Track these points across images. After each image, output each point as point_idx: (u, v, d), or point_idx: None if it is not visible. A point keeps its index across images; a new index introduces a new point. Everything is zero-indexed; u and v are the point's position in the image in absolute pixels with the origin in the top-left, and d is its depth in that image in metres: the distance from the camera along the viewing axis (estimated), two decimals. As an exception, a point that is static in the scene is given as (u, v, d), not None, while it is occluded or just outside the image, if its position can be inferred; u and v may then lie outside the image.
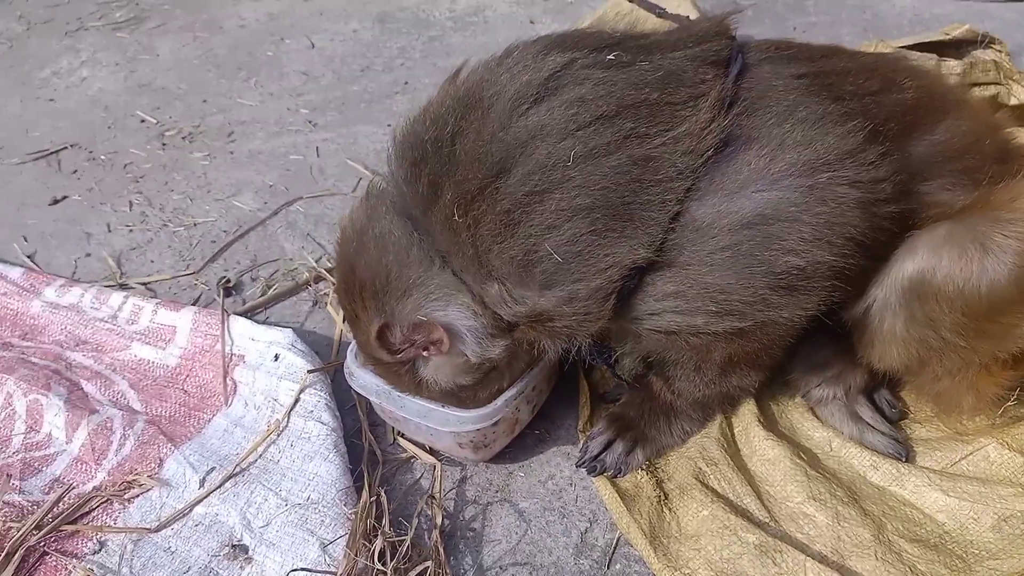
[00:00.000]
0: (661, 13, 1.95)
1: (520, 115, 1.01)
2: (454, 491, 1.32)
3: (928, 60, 1.77)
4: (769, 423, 1.34)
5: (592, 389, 1.43)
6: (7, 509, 1.24)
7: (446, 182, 1.02)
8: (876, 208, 1.07)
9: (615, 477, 1.29)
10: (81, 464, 1.33)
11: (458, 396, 1.21)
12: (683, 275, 1.04)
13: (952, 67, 1.78)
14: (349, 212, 1.17)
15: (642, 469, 1.30)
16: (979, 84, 1.80)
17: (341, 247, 1.16)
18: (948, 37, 1.88)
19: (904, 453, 1.28)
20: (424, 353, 1.14)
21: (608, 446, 1.30)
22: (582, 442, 1.33)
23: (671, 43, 1.10)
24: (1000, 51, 1.85)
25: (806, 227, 1.03)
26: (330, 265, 1.72)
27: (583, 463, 1.30)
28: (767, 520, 1.20)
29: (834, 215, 1.04)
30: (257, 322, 1.57)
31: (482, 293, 1.07)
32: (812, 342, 1.31)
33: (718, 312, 1.06)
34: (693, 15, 2.03)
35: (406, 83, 2.44)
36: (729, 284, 1.04)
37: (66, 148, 2.24)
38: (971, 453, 1.25)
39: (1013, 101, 1.78)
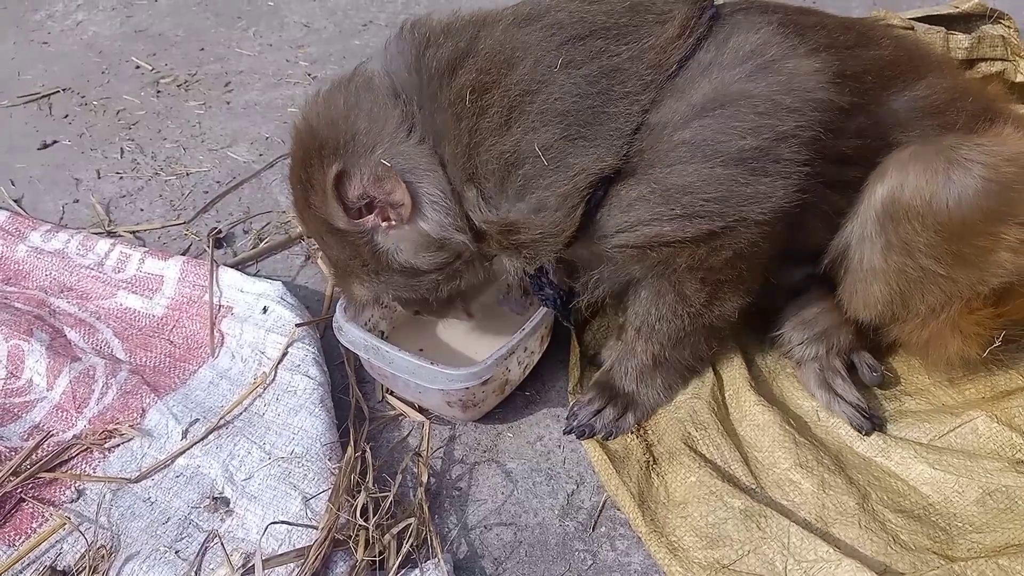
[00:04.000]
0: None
1: (515, 33, 1.07)
2: (441, 450, 1.30)
3: (936, 33, 1.73)
4: (760, 388, 1.32)
5: (583, 351, 1.41)
6: (-15, 454, 1.22)
7: (466, 63, 1.05)
8: (840, 83, 1.07)
9: (606, 440, 1.27)
10: (61, 412, 1.31)
11: (416, 288, 1.16)
12: (646, 179, 1.06)
13: (960, 41, 1.74)
14: (316, 95, 1.12)
15: (632, 432, 1.29)
16: (986, 59, 1.77)
17: (304, 114, 1.11)
18: (957, 10, 1.83)
19: (867, 427, 1.25)
20: (383, 224, 1.09)
21: (598, 413, 1.28)
22: (570, 407, 1.31)
23: None
24: (1009, 27, 1.81)
25: (759, 101, 1.04)
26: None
27: (571, 430, 1.28)
28: (753, 486, 1.19)
29: (790, 81, 1.05)
30: (247, 274, 1.54)
31: (461, 191, 1.07)
32: (803, 300, 1.33)
33: (684, 215, 1.06)
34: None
35: (408, 39, 2.38)
36: (691, 183, 1.05)
37: (58, 92, 2.19)
38: (960, 425, 1.24)
39: (1020, 78, 1.76)
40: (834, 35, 1.14)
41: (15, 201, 1.81)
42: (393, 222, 1.09)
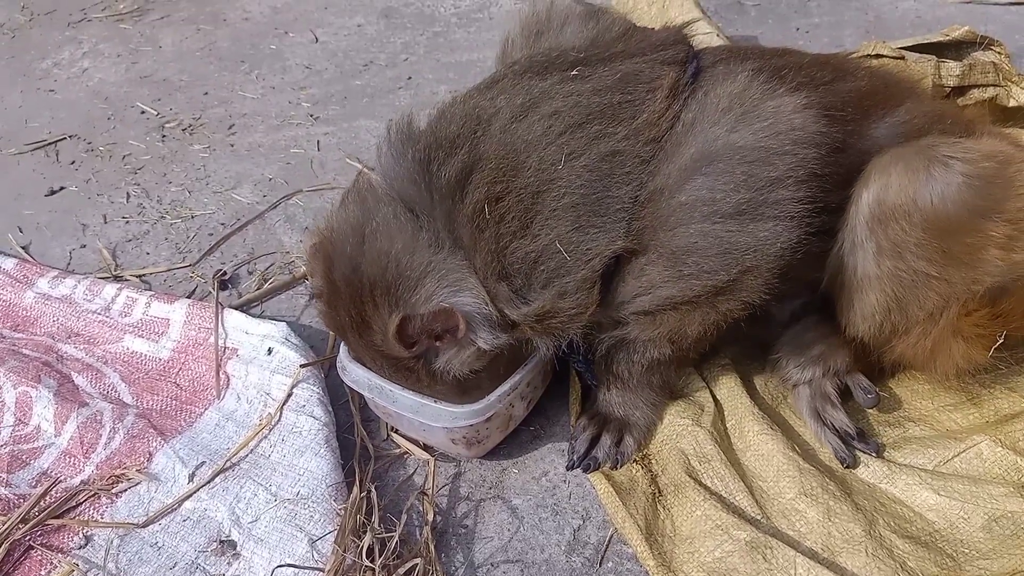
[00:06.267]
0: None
1: (515, 130, 1.08)
2: (447, 487, 1.30)
3: (927, 61, 1.75)
4: (763, 416, 1.32)
5: (583, 385, 1.41)
6: (-6, 502, 1.23)
7: (474, 177, 1.06)
8: (828, 115, 1.09)
9: (614, 468, 1.28)
10: (69, 457, 1.32)
11: (464, 385, 1.19)
12: (652, 245, 1.08)
13: (951, 69, 1.76)
14: (332, 214, 1.16)
15: (635, 462, 1.29)
16: (978, 86, 1.78)
17: (335, 248, 1.13)
18: (948, 38, 1.86)
19: (849, 459, 1.25)
20: (437, 343, 1.12)
21: (595, 442, 1.29)
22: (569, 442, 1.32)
23: (630, 52, 1.17)
24: (1000, 53, 1.83)
25: (747, 151, 1.05)
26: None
27: (573, 465, 1.29)
28: (759, 516, 1.19)
29: (775, 124, 1.06)
30: (252, 315, 1.55)
31: (495, 291, 1.09)
32: (800, 325, 1.34)
33: (692, 274, 1.08)
34: (696, 14, 2.03)
35: (409, 78, 2.42)
36: (694, 243, 1.07)
37: (65, 139, 2.22)
38: (964, 451, 1.24)
39: (1012, 103, 1.77)
40: (812, 73, 1.17)
41: (23, 248, 1.84)
42: (446, 341, 1.12)
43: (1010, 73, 1.79)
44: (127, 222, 1.92)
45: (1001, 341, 1.18)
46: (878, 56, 1.79)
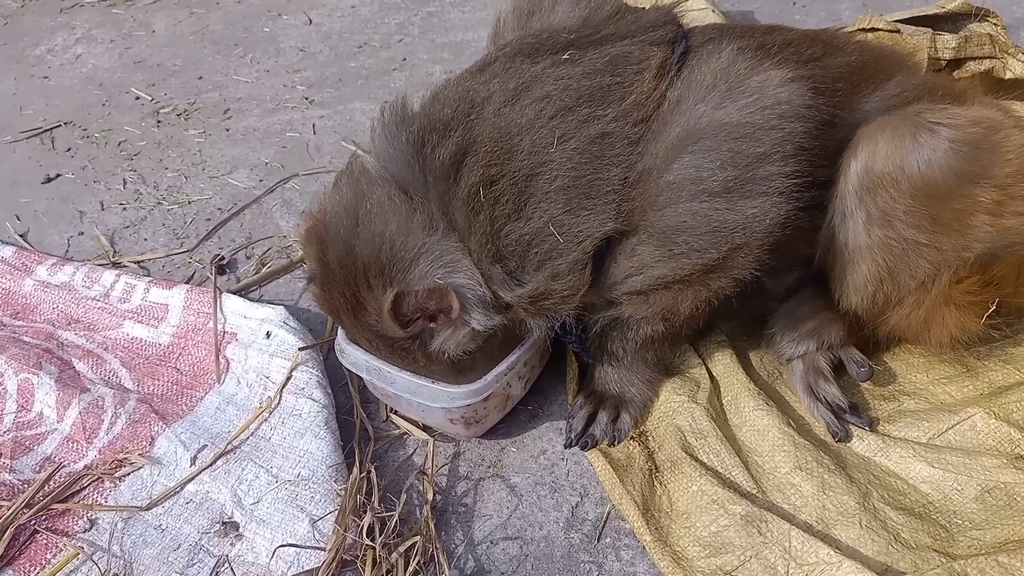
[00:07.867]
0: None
1: (508, 113, 1.08)
2: (446, 467, 1.32)
3: (923, 34, 1.75)
4: (759, 392, 1.33)
5: (580, 364, 1.42)
6: (-2, 487, 1.25)
7: (468, 159, 1.07)
8: (816, 89, 1.09)
9: (611, 445, 1.29)
10: (72, 443, 1.33)
11: (458, 366, 1.20)
12: (643, 225, 1.09)
13: (947, 41, 1.75)
14: (325, 197, 1.16)
15: (632, 439, 1.30)
16: (974, 58, 1.78)
17: (329, 231, 1.14)
18: (943, 10, 1.85)
19: (841, 434, 1.26)
20: (432, 325, 1.13)
21: (592, 419, 1.30)
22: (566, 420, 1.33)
23: (620, 34, 1.17)
24: (996, 24, 1.82)
25: (732, 127, 1.05)
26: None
27: (571, 443, 1.30)
28: (754, 491, 1.21)
29: (760, 99, 1.06)
30: (251, 300, 1.56)
31: (490, 273, 1.10)
32: (794, 300, 1.35)
33: (682, 253, 1.08)
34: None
35: (404, 59, 2.42)
36: (684, 222, 1.07)
37: (60, 126, 2.23)
38: (958, 423, 1.25)
39: (1008, 75, 1.77)
40: (800, 48, 1.17)
41: (21, 236, 1.84)
42: (441, 322, 1.12)
43: (1006, 45, 1.78)
44: (124, 208, 1.92)
45: (993, 308, 1.18)
46: (873, 30, 1.78)
